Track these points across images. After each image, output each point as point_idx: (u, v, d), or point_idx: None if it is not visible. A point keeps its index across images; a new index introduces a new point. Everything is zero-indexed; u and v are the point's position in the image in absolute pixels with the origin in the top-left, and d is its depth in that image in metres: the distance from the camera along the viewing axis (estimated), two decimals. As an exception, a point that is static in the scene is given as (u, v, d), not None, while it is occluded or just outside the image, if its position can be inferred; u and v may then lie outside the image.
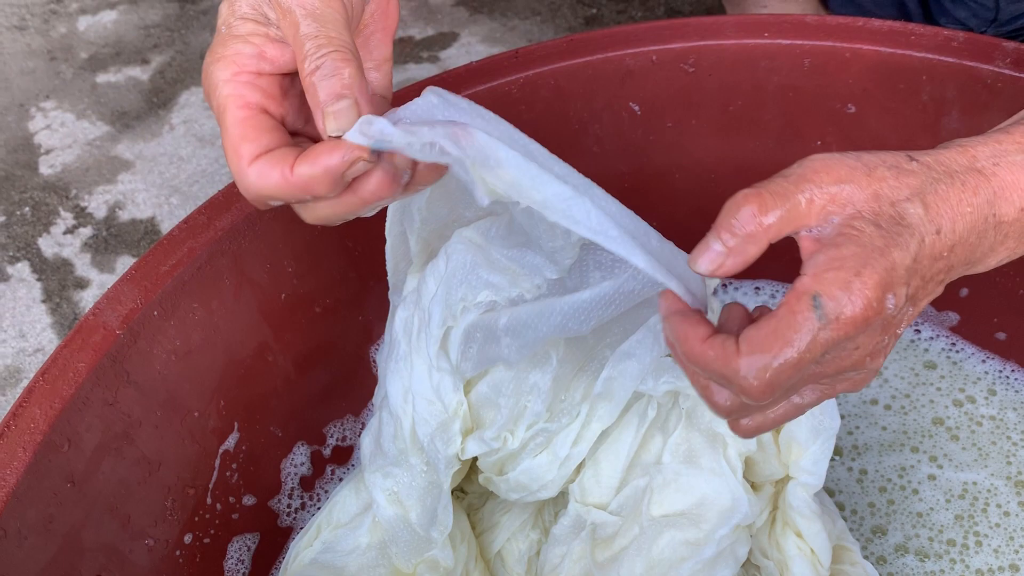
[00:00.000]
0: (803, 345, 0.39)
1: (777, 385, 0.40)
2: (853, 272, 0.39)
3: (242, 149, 0.44)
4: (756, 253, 0.41)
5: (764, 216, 0.40)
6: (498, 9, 1.38)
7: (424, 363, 0.56)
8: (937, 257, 0.42)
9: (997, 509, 0.70)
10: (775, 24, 0.72)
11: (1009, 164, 0.44)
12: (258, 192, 0.44)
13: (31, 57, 1.40)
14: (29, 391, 0.56)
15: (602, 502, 0.60)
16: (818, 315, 0.39)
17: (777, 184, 0.41)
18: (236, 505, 0.69)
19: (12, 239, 1.15)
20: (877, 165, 0.42)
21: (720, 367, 0.41)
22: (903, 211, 0.41)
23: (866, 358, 0.42)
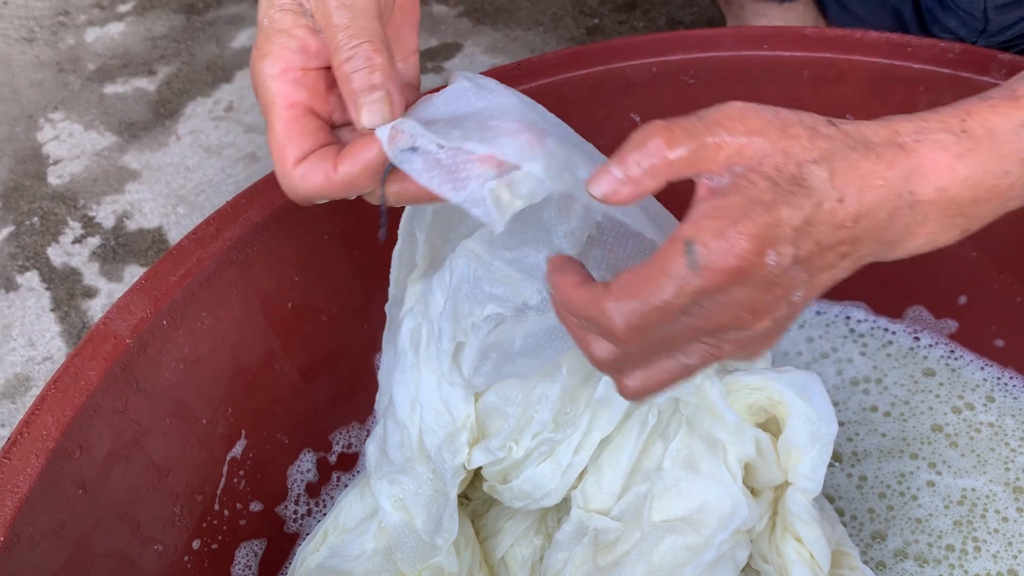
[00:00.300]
0: (670, 290, 0.39)
1: (643, 329, 0.40)
2: (730, 222, 0.39)
3: (287, 153, 0.46)
4: (654, 187, 0.40)
5: (670, 151, 0.39)
6: (501, 20, 1.39)
7: (433, 374, 0.57)
8: (838, 226, 0.41)
9: (996, 515, 0.71)
10: (774, 36, 0.73)
11: (931, 142, 0.43)
12: (305, 194, 0.46)
13: (40, 69, 1.41)
14: (41, 399, 0.57)
15: (604, 508, 0.61)
16: (689, 261, 0.38)
17: (690, 122, 0.40)
18: (243, 511, 0.70)
19: (21, 248, 1.17)
20: (793, 123, 0.41)
21: (588, 309, 0.41)
22: (806, 172, 0.40)
23: (747, 315, 0.41)
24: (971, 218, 0.45)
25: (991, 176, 0.43)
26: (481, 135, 0.43)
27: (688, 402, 0.58)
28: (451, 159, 0.42)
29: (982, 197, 0.44)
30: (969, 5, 0.88)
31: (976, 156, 0.43)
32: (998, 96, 0.45)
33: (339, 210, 0.70)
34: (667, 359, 0.43)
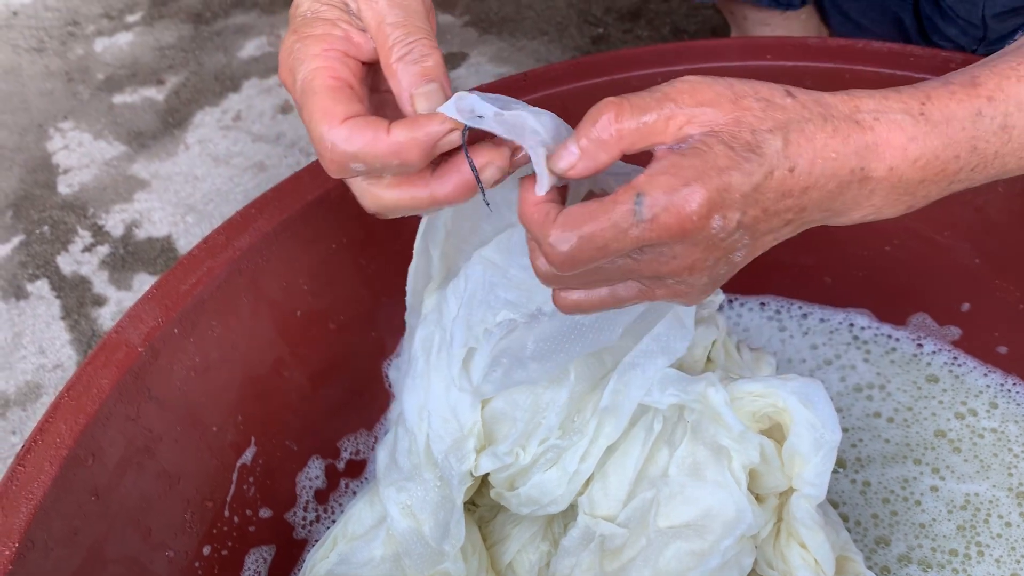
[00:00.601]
0: (610, 233, 0.41)
1: (577, 260, 0.42)
2: (683, 182, 0.40)
3: (335, 109, 0.44)
4: (607, 160, 0.42)
5: (619, 124, 0.41)
6: (507, 29, 1.40)
7: (442, 381, 0.58)
8: (786, 194, 0.42)
9: (999, 520, 0.71)
10: (777, 47, 0.74)
11: (889, 121, 0.44)
12: (344, 151, 0.43)
13: (49, 79, 1.43)
14: (55, 407, 0.58)
15: (610, 514, 0.61)
16: (636, 210, 0.40)
17: (640, 97, 0.42)
18: (253, 518, 0.71)
19: (31, 257, 1.18)
20: (747, 95, 0.42)
21: (537, 229, 0.43)
22: (761, 140, 0.41)
23: (684, 270, 0.43)
24: (917, 196, 0.46)
25: (941, 160, 0.45)
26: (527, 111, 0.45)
27: (693, 409, 0.59)
28: (512, 120, 0.44)
29: (929, 178, 0.45)
30: (968, 14, 0.89)
31: (929, 140, 0.44)
32: (958, 82, 0.46)
33: (348, 219, 0.71)
34: (602, 288, 0.46)
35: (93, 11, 1.53)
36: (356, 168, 0.44)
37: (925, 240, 0.78)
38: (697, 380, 0.59)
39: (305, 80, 0.45)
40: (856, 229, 0.80)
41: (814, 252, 0.83)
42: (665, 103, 0.42)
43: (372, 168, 0.44)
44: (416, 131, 0.43)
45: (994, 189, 0.72)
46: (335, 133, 0.44)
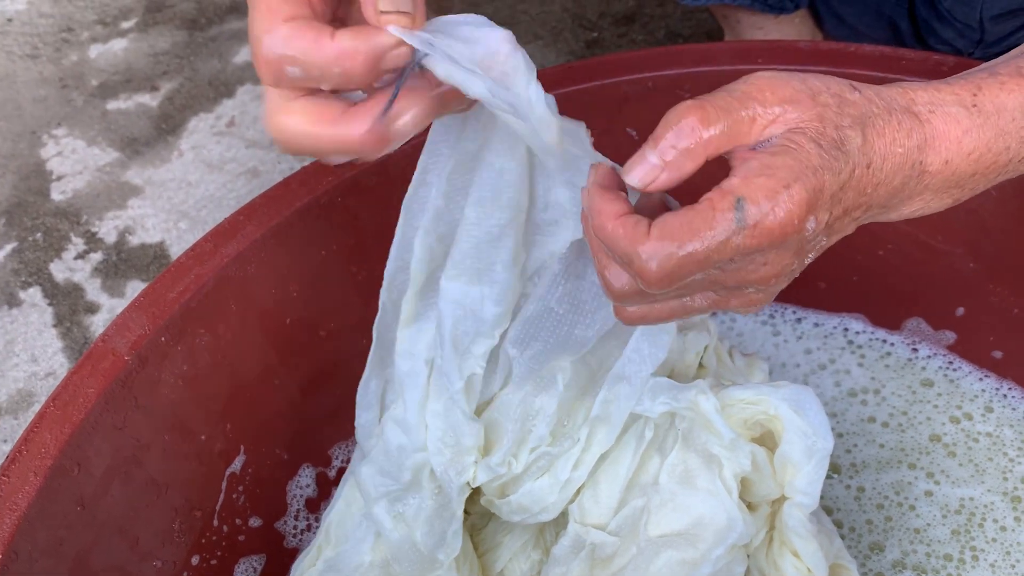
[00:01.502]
0: (714, 243, 0.38)
1: (676, 276, 0.39)
2: (783, 184, 0.38)
3: (280, 7, 0.39)
4: (692, 168, 0.39)
5: (705, 130, 0.39)
6: (501, 33, 1.40)
7: (441, 404, 0.58)
8: (862, 192, 0.41)
9: (994, 524, 0.71)
10: (768, 50, 0.74)
11: (944, 114, 0.43)
12: (280, 53, 0.39)
13: (43, 85, 1.42)
14: (40, 417, 0.58)
15: (601, 522, 0.61)
16: (737, 217, 0.38)
17: (721, 98, 0.40)
18: (242, 527, 0.70)
19: (24, 264, 1.17)
20: (821, 91, 0.41)
21: (626, 246, 0.39)
22: (845, 137, 0.40)
23: (772, 277, 0.41)
24: (965, 189, 0.46)
25: (993, 152, 0.44)
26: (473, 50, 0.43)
27: (684, 416, 0.59)
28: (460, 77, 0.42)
29: (981, 171, 0.45)
30: (965, 16, 0.88)
31: (983, 132, 0.44)
32: (1006, 72, 0.45)
33: (338, 226, 0.71)
34: (675, 300, 0.43)
35: (88, 17, 1.53)
36: (292, 73, 0.40)
37: (919, 244, 0.77)
38: (688, 388, 0.58)
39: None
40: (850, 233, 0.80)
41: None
42: (748, 103, 0.40)
43: (310, 76, 0.40)
44: (363, 40, 0.39)
45: (987, 194, 0.71)
46: (275, 32, 0.39)
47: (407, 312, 0.58)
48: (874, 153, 0.41)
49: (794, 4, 0.98)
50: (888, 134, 0.42)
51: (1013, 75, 0.45)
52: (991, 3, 0.86)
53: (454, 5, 1.46)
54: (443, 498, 0.60)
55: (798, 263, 0.42)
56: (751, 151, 0.40)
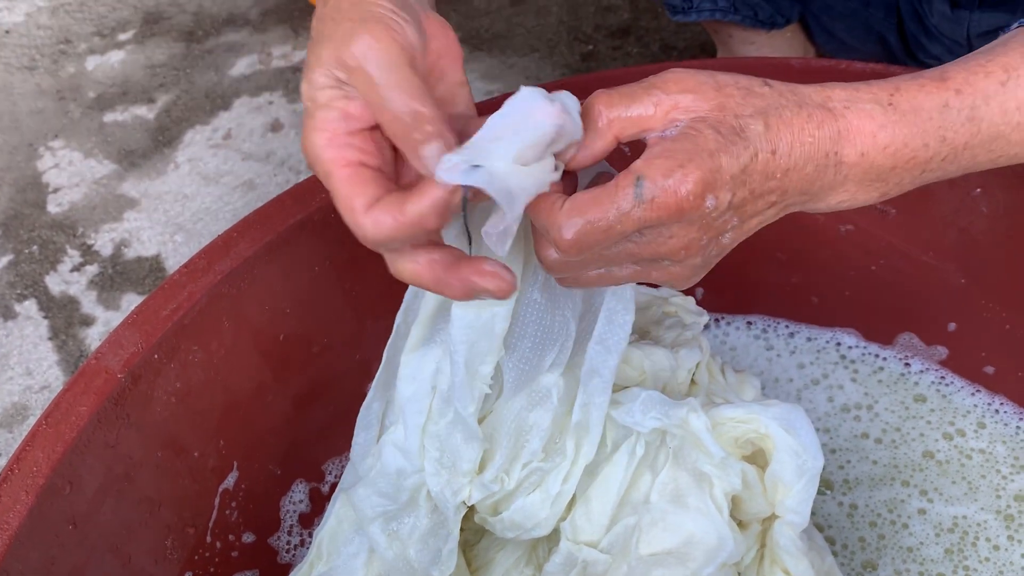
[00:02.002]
0: (614, 215, 0.43)
1: (584, 245, 0.44)
2: (678, 164, 0.43)
3: (355, 203, 0.45)
4: (603, 147, 0.45)
5: (610, 111, 0.44)
6: (497, 47, 1.41)
7: (441, 426, 0.58)
8: (769, 176, 0.45)
9: (987, 543, 0.71)
10: (760, 67, 0.74)
11: (859, 110, 0.46)
12: (376, 239, 0.45)
13: (40, 97, 1.43)
14: (32, 435, 0.58)
15: (593, 540, 0.61)
16: (636, 193, 0.43)
17: (628, 87, 0.45)
18: (236, 543, 0.70)
19: (20, 277, 1.18)
20: (728, 84, 0.45)
21: (545, 217, 0.45)
22: (744, 124, 0.44)
23: (681, 250, 0.46)
24: (889, 183, 0.49)
25: (910, 148, 0.47)
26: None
27: (675, 434, 0.59)
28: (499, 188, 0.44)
29: (900, 165, 0.48)
30: (953, 33, 0.89)
31: (898, 128, 0.47)
32: (928, 76, 0.49)
33: (331, 242, 0.71)
34: (601, 269, 0.49)
35: (85, 30, 1.53)
36: (393, 246, 0.46)
37: (911, 260, 0.78)
38: (679, 405, 0.58)
39: (324, 175, 0.46)
40: (842, 248, 0.81)
41: (801, 271, 0.82)
42: (652, 91, 0.44)
43: (408, 241, 0.45)
44: (422, 202, 0.43)
45: (977, 210, 0.72)
46: (362, 228, 0.45)
47: (415, 337, 0.59)
48: (779, 140, 0.45)
49: (785, 19, 0.99)
50: (797, 124, 0.45)
51: (934, 79, 0.49)
52: (978, 21, 0.87)
53: (450, 19, 1.46)
54: (439, 517, 0.61)
55: (708, 239, 0.46)
56: (659, 137, 0.44)
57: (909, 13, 0.92)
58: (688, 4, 0.98)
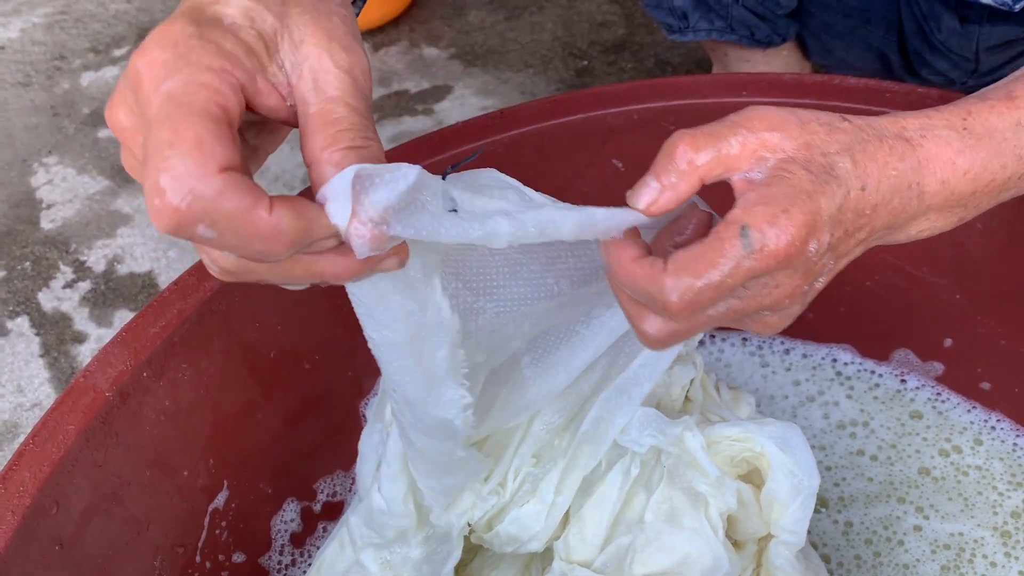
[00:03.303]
0: (727, 270, 0.41)
1: (697, 305, 0.42)
2: (781, 208, 0.41)
3: (215, 148, 0.35)
4: (687, 189, 0.43)
5: (696, 155, 0.42)
6: (491, 62, 1.41)
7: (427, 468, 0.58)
8: (860, 213, 0.44)
9: (983, 560, 0.70)
10: (753, 83, 0.74)
11: (935, 137, 0.46)
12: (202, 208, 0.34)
13: (35, 113, 1.43)
14: (19, 455, 0.57)
15: (586, 559, 0.60)
16: (744, 244, 0.41)
17: (711, 127, 0.43)
18: (226, 563, 0.70)
19: (12, 294, 1.17)
20: (810, 120, 0.44)
21: (647, 285, 0.42)
22: (833, 162, 0.43)
23: (785, 299, 0.44)
24: (969, 208, 0.48)
25: (989, 171, 0.47)
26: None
27: (670, 453, 0.58)
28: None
29: (980, 189, 0.47)
30: (961, 48, 0.89)
31: (976, 152, 0.46)
32: (995, 97, 0.48)
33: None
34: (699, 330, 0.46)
35: (80, 45, 1.53)
36: (202, 233, 0.35)
37: (906, 276, 0.77)
38: (675, 424, 0.58)
39: (183, 88, 0.35)
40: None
41: (795, 287, 0.82)
42: (736, 129, 0.43)
43: (222, 243, 0.36)
44: (302, 226, 0.36)
45: (973, 226, 0.72)
46: (207, 182, 0.34)
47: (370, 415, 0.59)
48: (868, 176, 0.44)
49: (781, 38, 0.99)
50: (880, 158, 0.44)
51: (1002, 99, 0.48)
52: (987, 35, 0.87)
53: (444, 34, 1.46)
54: (432, 545, 0.60)
55: (808, 285, 0.44)
56: (748, 182, 0.43)
57: (913, 30, 0.92)
58: (685, 24, 0.99)
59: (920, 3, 0.89)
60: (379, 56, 1.44)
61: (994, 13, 0.84)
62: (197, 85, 0.36)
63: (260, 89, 0.39)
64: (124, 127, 0.38)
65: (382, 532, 0.59)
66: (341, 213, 0.36)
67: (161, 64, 0.36)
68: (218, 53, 0.37)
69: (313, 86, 0.39)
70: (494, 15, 1.48)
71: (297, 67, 0.39)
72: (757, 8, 0.96)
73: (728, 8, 0.96)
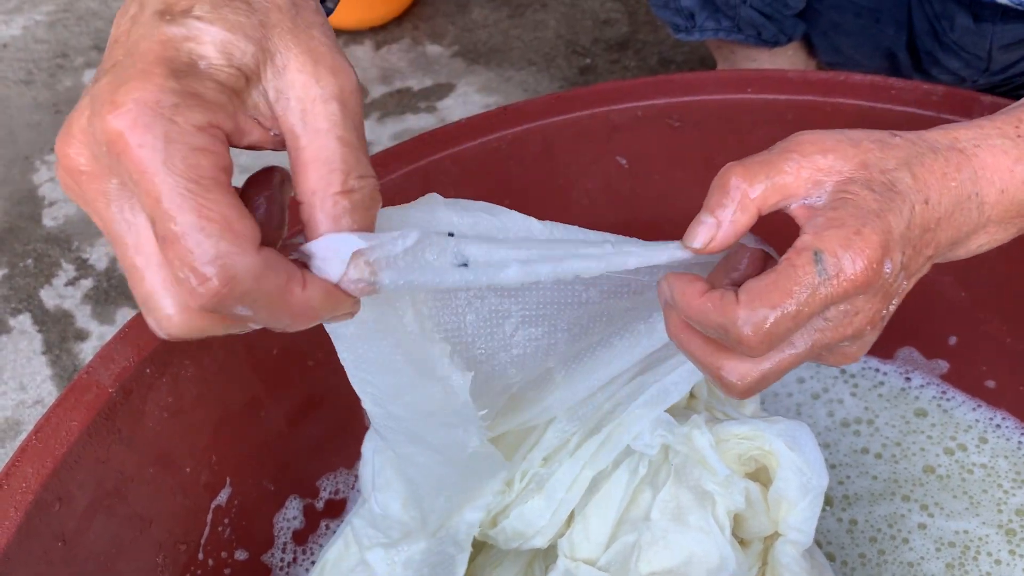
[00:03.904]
0: (803, 298, 0.39)
1: (775, 337, 0.40)
2: (854, 231, 0.39)
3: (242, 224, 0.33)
4: (746, 223, 0.42)
5: (751, 186, 0.41)
6: (494, 60, 1.41)
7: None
8: (926, 228, 0.42)
9: (988, 557, 0.70)
10: (757, 80, 0.74)
11: (990, 147, 0.45)
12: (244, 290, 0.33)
13: (37, 111, 1.42)
14: (22, 450, 0.57)
15: (591, 558, 0.60)
16: (819, 270, 0.39)
17: (762, 155, 0.42)
18: (228, 560, 0.69)
19: (15, 291, 1.17)
20: (862, 139, 0.43)
21: (719, 317, 0.40)
22: (894, 179, 0.42)
23: (867, 325, 0.42)
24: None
25: None
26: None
27: (678, 451, 0.58)
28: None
29: None
30: (974, 47, 0.88)
31: None
32: None
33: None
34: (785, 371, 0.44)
35: (83, 43, 1.53)
36: (238, 312, 0.34)
37: (911, 273, 0.77)
38: (683, 422, 0.58)
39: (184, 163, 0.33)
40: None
41: (800, 285, 0.82)
42: (789, 155, 0.42)
43: (254, 318, 0.35)
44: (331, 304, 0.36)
45: (978, 222, 0.71)
46: (249, 262, 0.33)
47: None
48: (929, 189, 0.42)
49: (788, 37, 0.99)
50: (938, 170, 0.43)
51: None
52: (1001, 33, 0.86)
53: (447, 32, 1.46)
54: (437, 544, 0.60)
55: (886, 309, 0.43)
56: (811, 209, 0.41)
57: (924, 29, 0.91)
58: (691, 24, 0.98)
59: (933, 2, 0.89)
60: (382, 53, 1.44)
61: (1008, 12, 0.84)
62: (197, 154, 0.33)
63: (242, 128, 0.36)
64: (81, 170, 0.35)
65: (387, 533, 0.59)
66: (334, 271, 0.36)
67: (147, 130, 0.33)
68: (203, 108, 0.34)
69: (301, 118, 0.36)
70: (497, 12, 1.48)
71: (283, 95, 0.36)
72: (765, 8, 0.95)
73: (736, 8, 0.95)
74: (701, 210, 0.42)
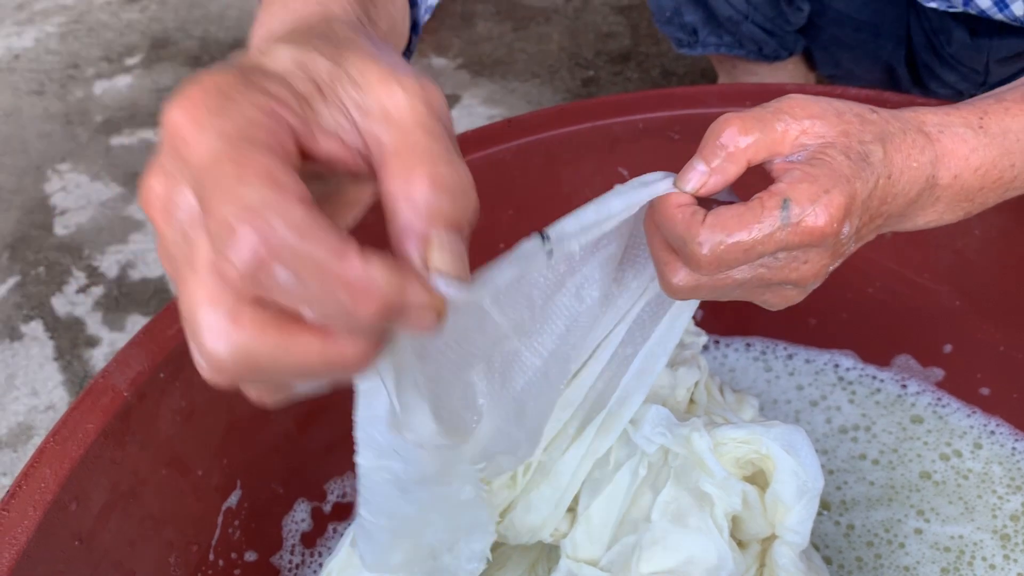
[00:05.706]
0: (760, 235, 0.43)
1: (723, 262, 0.43)
2: (823, 189, 0.43)
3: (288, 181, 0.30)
4: (735, 172, 0.44)
5: (744, 137, 0.44)
6: (498, 72, 1.43)
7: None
8: (883, 200, 0.46)
9: (983, 562, 0.71)
10: (756, 93, 0.75)
11: (952, 134, 0.48)
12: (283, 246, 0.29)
13: (49, 121, 1.45)
14: (40, 452, 0.58)
15: (593, 558, 0.61)
16: (782, 216, 0.43)
17: (757, 111, 0.45)
18: (238, 561, 0.71)
19: (27, 298, 1.19)
20: (845, 111, 0.46)
21: (682, 230, 0.44)
22: (868, 151, 0.45)
23: (811, 276, 0.46)
24: (975, 203, 0.51)
25: (998, 169, 0.49)
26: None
27: (677, 454, 0.59)
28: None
29: (987, 186, 0.50)
30: (972, 60, 0.90)
31: (989, 150, 0.49)
32: (1011, 99, 0.51)
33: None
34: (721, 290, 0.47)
35: (93, 54, 1.56)
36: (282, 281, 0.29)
37: (907, 282, 0.79)
38: (683, 424, 0.59)
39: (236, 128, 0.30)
40: (839, 271, 0.81)
41: (798, 294, 0.83)
42: (781, 115, 0.45)
43: (303, 292, 0.30)
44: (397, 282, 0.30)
45: (971, 232, 0.73)
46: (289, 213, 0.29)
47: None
48: (893, 166, 0.46)
49: (788, 52, 1.01)
50: (904, 150, 0.46)
51: (1018, 101, 0.51)
52: (998, 47, 0.88)
53: (452, 45, 1.48)
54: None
55: (830, 265, 0.46)
56: (790, 163, 0.44)
57: (922, 44, 0.93)
58: (694, 39, 1.00)
59: (930, 17, 0.91)
60: (388, 66, 1.46)
61: (1005, 26, 0.86)
62: (251, 124, 0.31)
63: (315, 134, 0.34)
64: (156, 193, 0.32)
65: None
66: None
67: (203, 107, 0.31)
68: (265, 94, 0.32)
69: (384, 120, 0.34)
70: (501, 26, 1.50)
71: (364, 106, 0.34)
72: (766, 24, 0.97)
73: (738, 25, 0.97)
74: (695, 155, 0.45)
